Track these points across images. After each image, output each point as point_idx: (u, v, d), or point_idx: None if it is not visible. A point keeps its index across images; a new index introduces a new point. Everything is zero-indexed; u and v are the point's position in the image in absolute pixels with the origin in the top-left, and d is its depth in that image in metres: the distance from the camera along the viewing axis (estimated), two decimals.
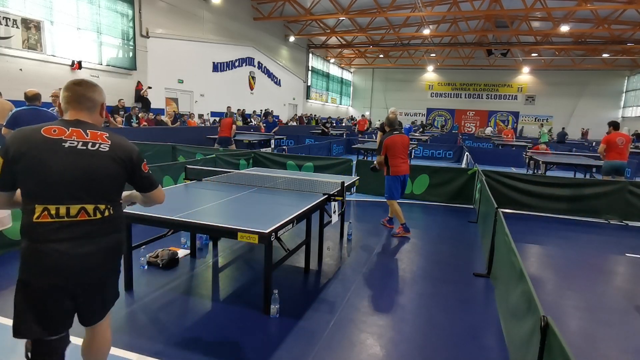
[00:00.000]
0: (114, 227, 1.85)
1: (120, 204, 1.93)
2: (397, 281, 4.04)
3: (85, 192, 1.73)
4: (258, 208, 3.63)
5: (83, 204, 1.73)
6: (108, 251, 1.83)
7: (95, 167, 1.74)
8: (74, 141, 1.73)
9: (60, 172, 1.69)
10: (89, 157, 1.74)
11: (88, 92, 1.87)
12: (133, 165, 1.87)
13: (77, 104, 1.84)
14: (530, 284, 2.19)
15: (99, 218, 1.77)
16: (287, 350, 2.76)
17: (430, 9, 20.49)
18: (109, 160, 1.77)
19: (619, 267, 4.98)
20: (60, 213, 1.69)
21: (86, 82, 1.91)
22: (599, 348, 3.07)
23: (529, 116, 32.34)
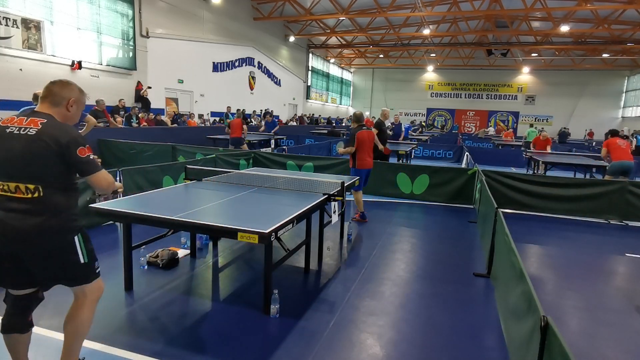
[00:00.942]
0: (45, 208, 1.97)
1: (59, 187, 2.03)
2: (397, 281, 4.04)
3: (17, 171, 1.94)
4: (258, 208, 3.63)
5: (17, 182, 1.94)
6: (37, 229, 1.94)
7: (19, 149, 1.94)
8: (14, 127, 1.98)
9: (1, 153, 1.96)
10: (17, 140, 1.95)
11: (55, 88, 2.10)
12: (62, 149, 1.97)
13: (43, 98, 2.10)
14: (530, 284, 2.19)
15: (29, 197, 1.95)
16: (287, 350, 2.76)
17: (430, 9, 20.49)
18: (33, 142, 1.94)
19: (619, 267, 4.98)
20: (4, 188, 1.96)
21: (61, 81, 2.14)
22: (599, 348, 3.07)
23: (529, 116, 32.34)
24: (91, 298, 2.17)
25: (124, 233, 3.58)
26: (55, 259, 2.03)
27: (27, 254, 1.99)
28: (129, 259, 3.57)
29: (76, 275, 2.11)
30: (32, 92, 5.45)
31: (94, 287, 2.18)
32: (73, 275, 2.11)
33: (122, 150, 9.58)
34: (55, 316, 3.01)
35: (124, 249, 3.58)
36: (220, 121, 17.02)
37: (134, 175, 5.93)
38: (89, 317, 2.17)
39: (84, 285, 2.14)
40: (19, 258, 2.00)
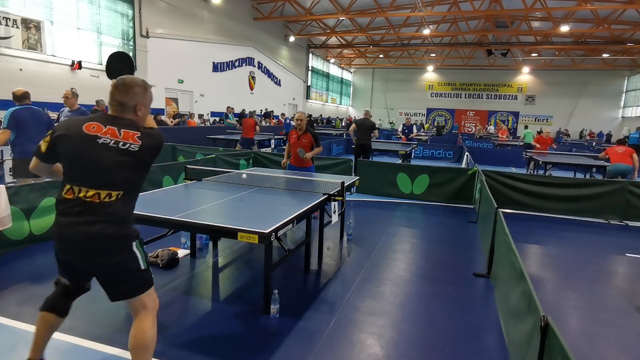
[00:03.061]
0: (118, 215, 2.02)
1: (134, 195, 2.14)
2: (397, 281, 4.04)
3: (105, 181, 1.99)
4: (258, 208, 3.63)
5: (99, 189, 1.98)
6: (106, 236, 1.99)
7: (117, 163, 2.00)
8: (107, 138, 2.00)
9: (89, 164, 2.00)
10: (116, 153, 1.99)
11: (122, 97, 2.10)
12: (156, 156, 2.15)
13: (116, 105, 2.11)
14: (530, 284, 2.19)
15: (106, 202, 1.99)
16: (287, 350, 2.76)
17: (430, 9, 20.49)
18: (134, 158, 2.02)
19: (619, 267, 4.98)
20: (79, 194, 1.99)
21: (124, 83, 2.12)
22: (599, 348, 3.07)
23: (529, 116, 32.35)
24: (154, 309, 2.17)
25: None
26: (120, 267, 2.04)
27: (94, 263, 2.03)
28: None
29: (141, 281, 2.11)
30: (32, 92, 5.46)
31: (153, 294, 2.18)
32: (139, 282, 2.11)
33: None
34: None
35: None
36: (220, 121, 17.02)
37: None
38: (155, 330, 2.14)
39: (147, 292, 2.13)
40: (85, 266, 2.06)
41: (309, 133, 5.74)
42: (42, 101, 10.45)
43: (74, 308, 3.14)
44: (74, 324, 2.94)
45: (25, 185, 4.51)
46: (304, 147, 5.75)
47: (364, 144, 9.13)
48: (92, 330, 2.88)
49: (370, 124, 9.18)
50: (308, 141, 5.74)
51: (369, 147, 9.31)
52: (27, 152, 5.07)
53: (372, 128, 9.17)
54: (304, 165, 5.86)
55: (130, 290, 2.10)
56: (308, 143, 5.74)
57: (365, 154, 9.21)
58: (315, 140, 5.76)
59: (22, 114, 5.07)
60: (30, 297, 2.28)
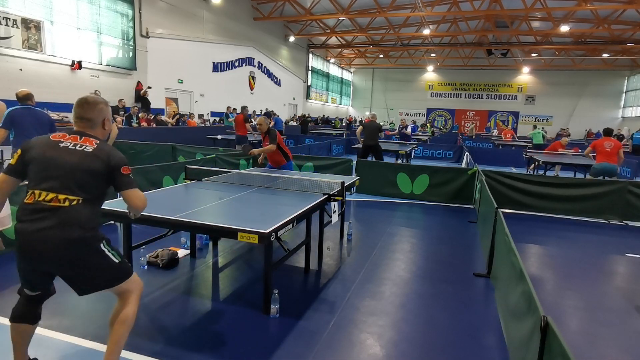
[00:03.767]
0: (78, 219, 2.04)
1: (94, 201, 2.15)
2: (397, 281, 4.04)
3: (63, 183, 2.03)
4: (258, 208, 3.63)
5: (58, 193, 2.02)
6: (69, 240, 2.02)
7: (73, 162, 2.06)
8: (68, 142, 2.12)
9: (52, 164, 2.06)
10: (72, 154, 2.08)
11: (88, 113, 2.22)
12: (111, 167, 2.14)
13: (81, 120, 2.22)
14: (530, 284, 2.19)
15: (65, 206, 2.02)
16: (287, 350, 2.76)
17: (430, 9, 20.50)
18: (87, 157, 2.09)
19: (619, 267, 4.98)
20: (39, 198, 2.02)
21: (87, 102, 2.24)
22: (599, 348, 3.07)
23: (529, 116, 32.35)
24: (136, 292, 2.29)
25: (124, 233, 3.59)
26: (91, 267, 2.11)
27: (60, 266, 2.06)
28: (129, 259, 3.58)
29: (116, 275, 2.20)
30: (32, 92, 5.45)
31: (135, 280, 2.29)
32: (113, 276, 2.19)
33: (122, 150, 9.54)
34: (55, 316, 3.01)
35: (124, 249, 3.58)
36: (220, 121, 17.03)
37: (134, 175, 5.90)
38: (135, 311, 2.29)
39: (126, 281, 2.23)
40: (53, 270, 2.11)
41: (268, 134, 5.99)
42: (42, 101, 10.45)
43: (74, 308, 3.15)
44: (74, 324, 2.94)
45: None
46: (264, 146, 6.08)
47: (371, 145, 9.50)
48: (92, 330, 2.88)
49: (376, 126, 9.64)
50: (268, 141, 6.03)
51: (378, 148, 9.62)
52: None
53: (379, 130, 9.63)
54: (278, 164, 6.10)
55: (105, 283, 2.19)
56: (268, 143, 6.05)
57: (376, 154, 9.56)
58: (271, 139, 5.97)
59: (19, 113, 5.04)
60: None
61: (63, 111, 11.02)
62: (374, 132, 9.44)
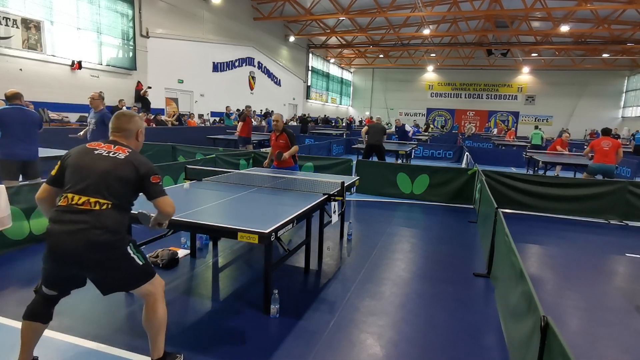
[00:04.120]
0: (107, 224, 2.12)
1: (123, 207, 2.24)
2: (397, 281, 4.04)
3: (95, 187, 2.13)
4: (258, 208, 3.63)
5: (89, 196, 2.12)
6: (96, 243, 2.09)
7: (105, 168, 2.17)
8: (102, 150, 2.25)
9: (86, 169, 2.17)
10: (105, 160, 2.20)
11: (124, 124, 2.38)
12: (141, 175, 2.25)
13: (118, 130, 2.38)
14: (530, 284, 2.19)
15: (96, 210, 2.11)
16: (287, 350, 2.76)
17: (430, 9, 20.50)
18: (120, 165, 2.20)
19: (619, 267, 4.98)
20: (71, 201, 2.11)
21: (124, 115, 2.42)
22: (599, 348, 3.07)
23: (529, 116, 32.36)
24: (160, 292, 2.36)
25: None
26: (117, 269, 2.19)
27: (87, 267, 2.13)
28: None
29: (140, 276, 2.27)
30: (32, 92, 5.45)
31: (158, 282, 2.35)
32: (138, 278, 2.26)
33: None
34: (55, 316, 2.99)
35: None
36: (220, 121, 17.03)
37: None
38: (164, 310, 2.36)
39: (150, 282, 2.30)
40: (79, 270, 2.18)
41: (285, 133, 5.84)
42: (42, 101, 10.46)
43: (74, 308, 3.15)
44: (74, 324, 2.94)
45: (25, 185, 4.50)
46: (281, 148, 5.86)
47: (375, 145, 9.79)
48: (92, 330, 2.88)
49: (381, 127, 10.02)
50: (285, 141, 5.83)
51: (381, 148, 9.85)
52: (12, 154, 5.02)
53: (383, 131, 9.97)
54: (286, 165, 5.92)
55: (130, 284, 2.27)
56: (284, 143, 5.83)
57: (379, 154, 9.82)
58: (291, 140, 5.84)
59: (7, 113, 4.99)
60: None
61: (63, 111, 11.03)
62: (377, 133, 9.81)
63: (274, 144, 5.93)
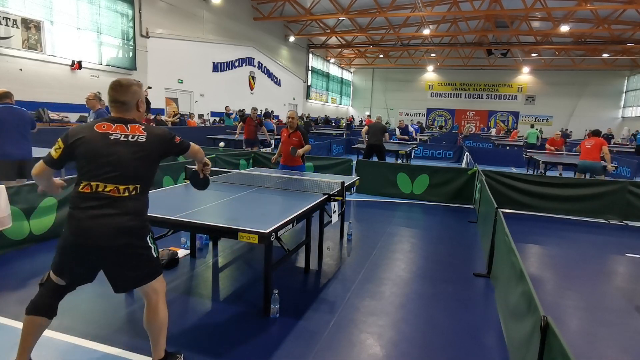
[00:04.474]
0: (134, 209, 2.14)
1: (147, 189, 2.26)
2: (397, 281, 4.04)
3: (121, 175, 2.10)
4: (258, 208, 3.63)
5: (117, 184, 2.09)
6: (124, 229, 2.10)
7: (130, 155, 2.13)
8: (118, 134, 2.17)
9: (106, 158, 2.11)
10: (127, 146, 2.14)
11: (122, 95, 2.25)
12: (167, 146, 2.29)
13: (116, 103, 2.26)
14: (530, 284, 2.19)
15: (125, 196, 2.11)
16: (287, 350, 2.76)
17: (430, 9, 20.50)
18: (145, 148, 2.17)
19: (619, 267, 4.98)
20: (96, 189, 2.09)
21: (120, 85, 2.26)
22: (599, 348, 3.07)
23: (529, 116, 32.34)
24: (163, 291, 2.35)
25: None
26: (135, 258, 2.17)
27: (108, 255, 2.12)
28: None
29: (152, 271, 2.26)
30: (32, 92, 5.42)
31: (162, 281, 2.34)
32: (150, 271, 2.25)
33: None
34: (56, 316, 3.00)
35: None
36: (220, 121, 17.02)
37: None
38: (166, 310, 2.35)
39: (156, 279, 2.28)
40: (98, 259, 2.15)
41: (298, 131, 5.86)
42: (42, 101, 10.47)
43: (74, 308, 3.15)
44: (74, 324, 2.94)
45: (25, 186, 4.50)
46: (294, 145, 5.86)
47: (374, 144, 9.73)
48: (92, 330, 2.88)
49: (381, 127, 9.92)
50: (298, 139, 5.85)
51: (381, 147, 9.79)
52: (5, 154, 5.00)
53: (383, 131, 9.87)
54: (294, 164, 5.95)
55: (142, 277, 2.24)
56: (298, 141, 5.85)
57: (379, 154, 9.77)
58: (305, 139, 5.87)
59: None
60: (30, 297, 2.28)
61: (63, 111, 11.02)
62: (377, 132, 9.73)
63: (286, 140, 5.92)
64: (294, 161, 5.89)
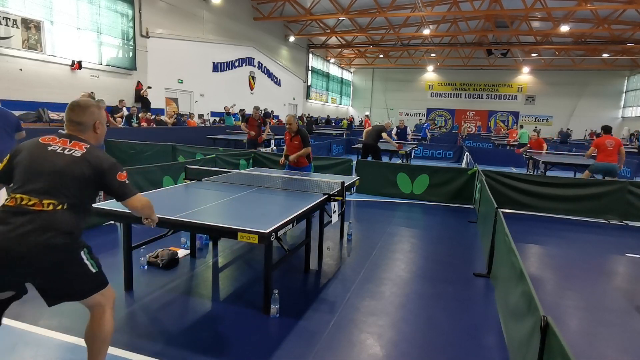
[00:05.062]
0: (60, 225, 1.95)
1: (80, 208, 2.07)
2: (397, 281, 4.04)
3: (48, 187, 1.97)
4: (258, 208, 3.63)
5: (41, 197, 1.95)
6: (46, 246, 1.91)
7: (61, 167, 2.01)
8: (57, 146, 2.07)
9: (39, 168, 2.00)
10: (61, 158, 2.03)
11: (79, 117, 2.17)
12: (102, 173, 2.10)
13: (72, 123, 2.18)
14: (530, 284, 2.19)
15: (48, 210, 1.94)
16: (287, 350, 2.76)
17: (430, 9, 20.49)
18: (76, 163, 2.04)
19: (619, 267, 4.98)
20: (20, 201, 1.94)
21: (79, 106, 2.20)
22: (599, 348, 3.07)
23: (529, 116, 32.35)
24: (110, 304, 2.19)
25: (124, 233, 3.58)
26: (68, 275, 2.01)
27: (36, 272, 1.95)
28: (129, 259, 3.57)
29: (92, 285, 2.11)
30: (32, 92, 5.40)
31: (109, 292, 2.19)
32: (89, 286, 2.10)
33: (122, 150, 9.58)
34: (55, 316, 3.01)
35: (124, 249, 3.58)
36: (220, 121, 17.02)
37: (134, 175, 5.92)
38: (112, 323, 2.20)
39: (100, 292, 2.13)
40: (25, 275, 1.98)
41: (299, 135, 5.93)
42: (42, 101, 10.46)
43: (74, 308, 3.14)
44: (74, 324, 2.94)
45: None
46: (295, 148, 5.97)
47: (369, 144, 9.75)
48: None
49: (379, 128, 9.99)
50: (298, 142, 5.95)
51: (376, 148, 9.80)
52: None
53: (380, 132, 9.88)
54: (300, 165, 6.04)
55: (80, 293, 2.08)
56: (298, 144, 5.95)
57: (374, 154, 9.78)
58: (304, 142, 5.93)
59: None
60: (30, 297, 2.27)
61: (63, 111, 11.01)
62: (373, 133, 9.80)
63: (289, 144, 6.04)
64: (299, 163, 5.99)
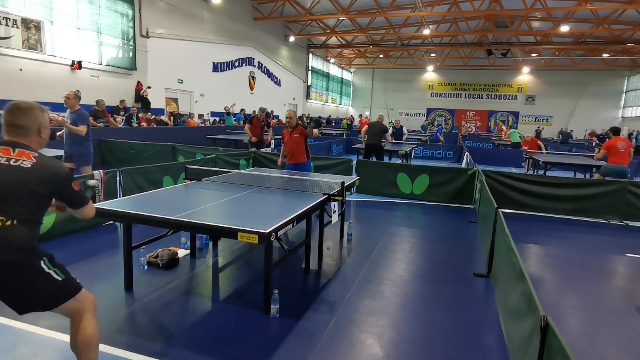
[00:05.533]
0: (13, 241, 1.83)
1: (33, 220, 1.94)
2: (397, 281, 4.04)
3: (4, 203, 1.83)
4: (258, 208, 3.63)
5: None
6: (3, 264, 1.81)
7: (10, 180, 1.86)
8: (0, 157, 1.91)
9: None
10: (7, 171, 1.87)
11: (20, 120, 2.01)
12: (57, 183, 2.00)
13: (11, 128, 2.01)
14: (530, 284, 2.19)
15: None
16: (287, 350, 2.76)
17: (430, 9, 20.49)
18: (27, 175, 1.89)
19: (619, 267, 4.98)
20: None
21: (19, 108, 2.03)
22: (599, 348, 3.07)
23: (529, 116, 32.36)
24: (88, 308, 2.09)
25: (124, 233, 3.58)
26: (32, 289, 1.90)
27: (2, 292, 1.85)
28: (129, 259, 3.57)
29: (60, 294, 1.99)
30: (32, 92, 5.42)
31: (84, 297, 2.08)
32: (58, 295, 1.98)
33: (122, 150, 9.58)
34: (55, 316, 2.99)
35: (124, 249, 3.58)
36: (220, 121, 17.03)
37: (134, 176, 5.93)
38: (95, 328, 2.10)
39: (73, 298, 2.02)
40: None
41: (299, 127, 5.97)
42: (42, 101, 10.45)
43: None
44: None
45: None
46: (297, 142, 5.97)
47: (373, 145, 9.58)
48: None
49: (381, 127, 9.69)
50: (300, 134, 5.97)
51: (379, 148, 9.69)
52: None
53: (383, 131, 9.66)
54: (299, 161, 6.04)
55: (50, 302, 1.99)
56: (300, 136, 5.97)
57: (377, 154, 9.65)
58: (305, 132, 6.00)
59: None
60: None
61: (63, 111, 10.99)
62: (377, 133, 9.56)
63: (288, 140, 6.01)
64: (299, 158, 5.99)
